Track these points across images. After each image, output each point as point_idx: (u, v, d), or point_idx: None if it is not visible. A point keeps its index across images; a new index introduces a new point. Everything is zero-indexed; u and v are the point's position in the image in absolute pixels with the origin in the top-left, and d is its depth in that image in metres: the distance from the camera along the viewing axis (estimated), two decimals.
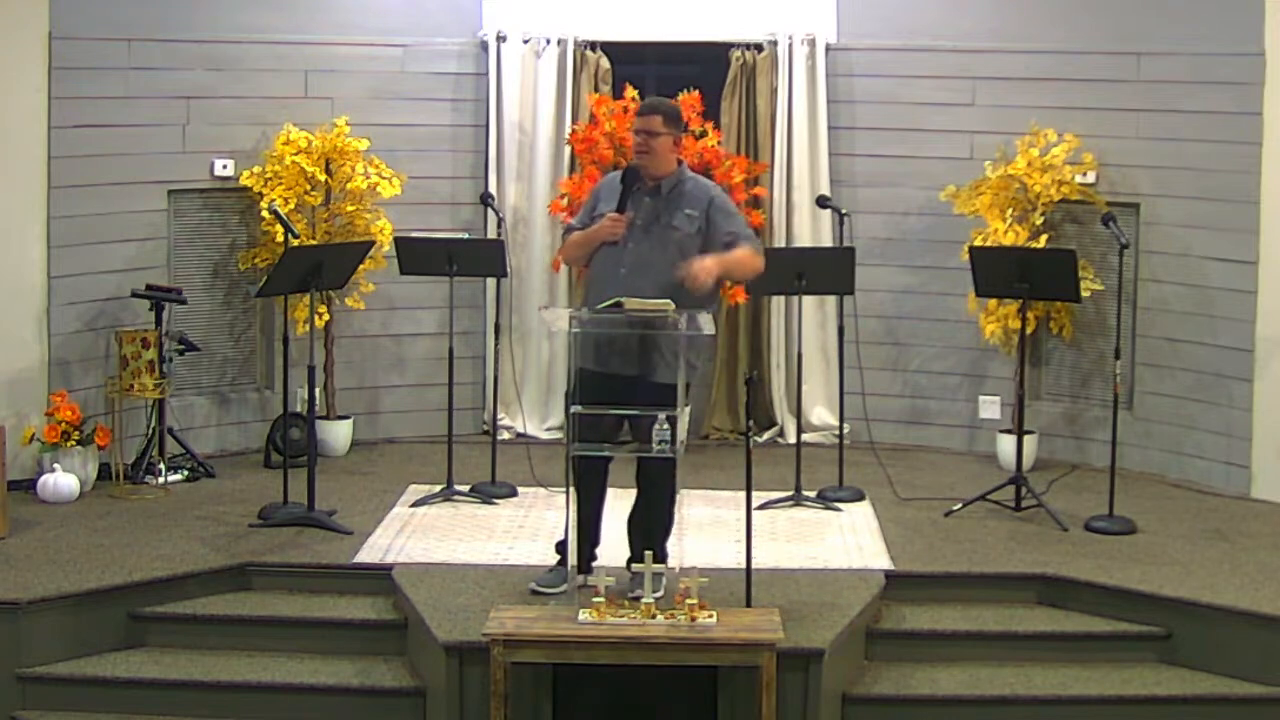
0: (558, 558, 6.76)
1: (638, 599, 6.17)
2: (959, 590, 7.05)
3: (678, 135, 6.62)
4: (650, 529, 6.59)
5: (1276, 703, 6.52)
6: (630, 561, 6.59)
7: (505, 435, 9.05)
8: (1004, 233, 8.50)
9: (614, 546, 6.78)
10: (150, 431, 8.35)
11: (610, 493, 6.76)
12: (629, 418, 6.37)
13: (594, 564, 6.68)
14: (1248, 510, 8.06)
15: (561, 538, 6.74)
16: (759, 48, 9.29)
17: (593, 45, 9.31)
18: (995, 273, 7.86)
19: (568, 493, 6.43)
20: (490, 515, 7.81)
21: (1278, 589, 6.86)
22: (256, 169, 8.69)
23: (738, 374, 9.36)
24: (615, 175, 6.78)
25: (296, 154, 8.61)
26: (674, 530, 6.54)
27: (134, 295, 8.36)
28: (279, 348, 8.20)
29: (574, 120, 9.19)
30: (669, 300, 6.34)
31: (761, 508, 7.78)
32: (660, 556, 6.50)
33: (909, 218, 9.20)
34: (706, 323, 6.32)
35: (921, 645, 6.77)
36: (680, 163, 6.67)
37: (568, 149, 9.17)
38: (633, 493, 6.69)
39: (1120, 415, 7.93)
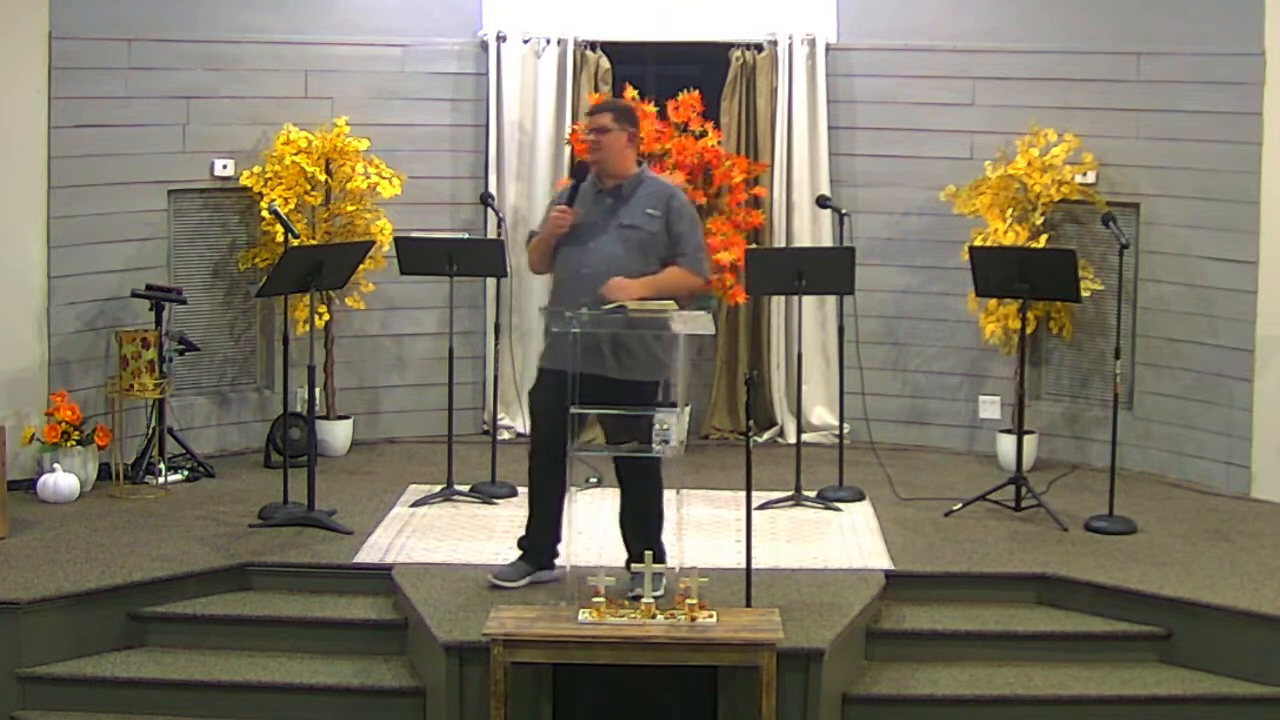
0: (519, 553, 6.81)
1: (637, 598, 6.18)
2: (959, 590, 7.05)
3: (631, 132, 6.63)
4: (644, 525, 6.60)
5: (1276, 703, 6.52)
6: (629, 562, 6.59)
7: (505, 435, 9.04)
8: (1004, 233, 8.50)
9: (616, 547, 6.78)
10: (150, 431, 8.35)
11: (611, 493, 6.77)
12: (605, 417, 6.42)
13: (556, 560, 6.74)
14: (1248, 510, 8.06)
15: (522, 534, 6.82)
16: (759, 48, 9.29)
17: (593, 45, 9.31)
18: (995, 273, 7.86)
19: (568, 493, 6.43)
20: (490, 515, 7.81)
21: (1278, 589, 6.86)
22: (256, 169, 8.69)
23: (738, 374, 9.36)
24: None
25: (296, 154, 8.61)
26: (676, 529, 6.55)
27: (134, 295, 8.36)
28: (279, 348, 8.20)
29: (574, 120, 9.18)
30: (671, 301, 6.36)
31: (761, 508, 7.78)
32: (659, 551, 6.54)
33: (909, 218, 9.20)
34: (706, 322, 6.33)
35: (921, 645, 6.77)
36: (640, 164, 6.69)
37: (568, 149, 9.17)
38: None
39: (1120, 415, 7.93)
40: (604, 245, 6.52)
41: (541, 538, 6.76)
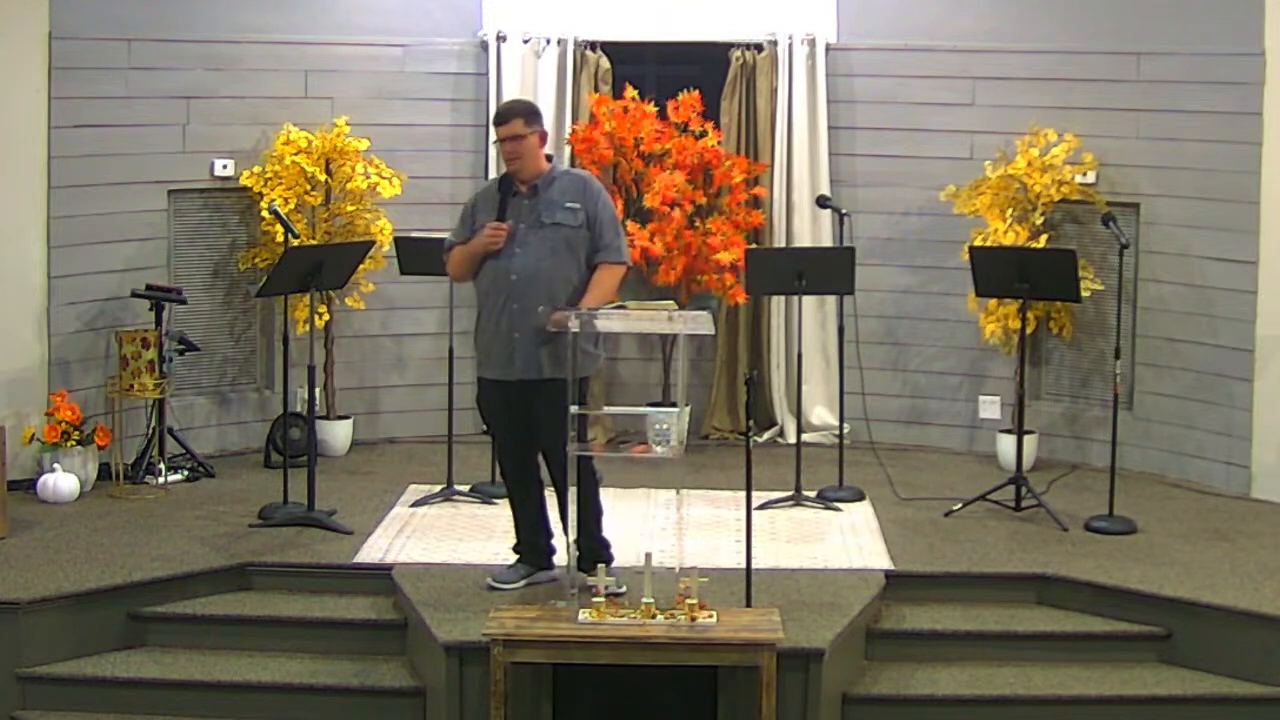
0: (515, 556, 6.84)
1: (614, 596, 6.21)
2: (959, 590, 7.05)
3: (542, 132, 6.62)
4: (580, 524, 6.60)
5: (1276, 703, 6.52)
6: (580, 561, 6.55)
7: None
8: (1004, 233, 8.50)
9: (623, 549, 6.79)
10: (150, 431, 8.35)
11: (611, 493, 6.78)
12: (540, 418, 6.46)
13: (554, 558, 6.77)
14: (1248, 510, 8.06)
15: (516, 541, 6.84)
16: (759, 48, 9.29)
17: (593, 45, 9.31)
18: (995, 273, 7.86)
19: (567, 493, 6.44)
20: (490, 515, 7.81)
21: (1278, 589, 6.86)
22: (256, 169, 8.69)
23: (738, 374, 9.36)
24: (491, 184, 6.78)
25: (296, 154, 8.61)
26: (676, 529, 6.54)
27: (134, 295, 8.36)
28: (279, 348, 8.20)
29: (574, 120, 9.19)
30: (670, 300, 6.37)
31: (761, 508, 7.78)
32: (604, 551, 6.61)
33: (909, 218, 9.20)
34: (706, 322, 6.33)
35: (921, 645, 6.77)
36: (550, 158, 6.67)
37: (568, 149, 9.16)
38: (632, 492, 6.70)
39: (1120, 415, 7.93)
40: (531, 249, 6.50)
41: (533, 538, 6.78)
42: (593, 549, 6.54)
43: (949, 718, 6.51)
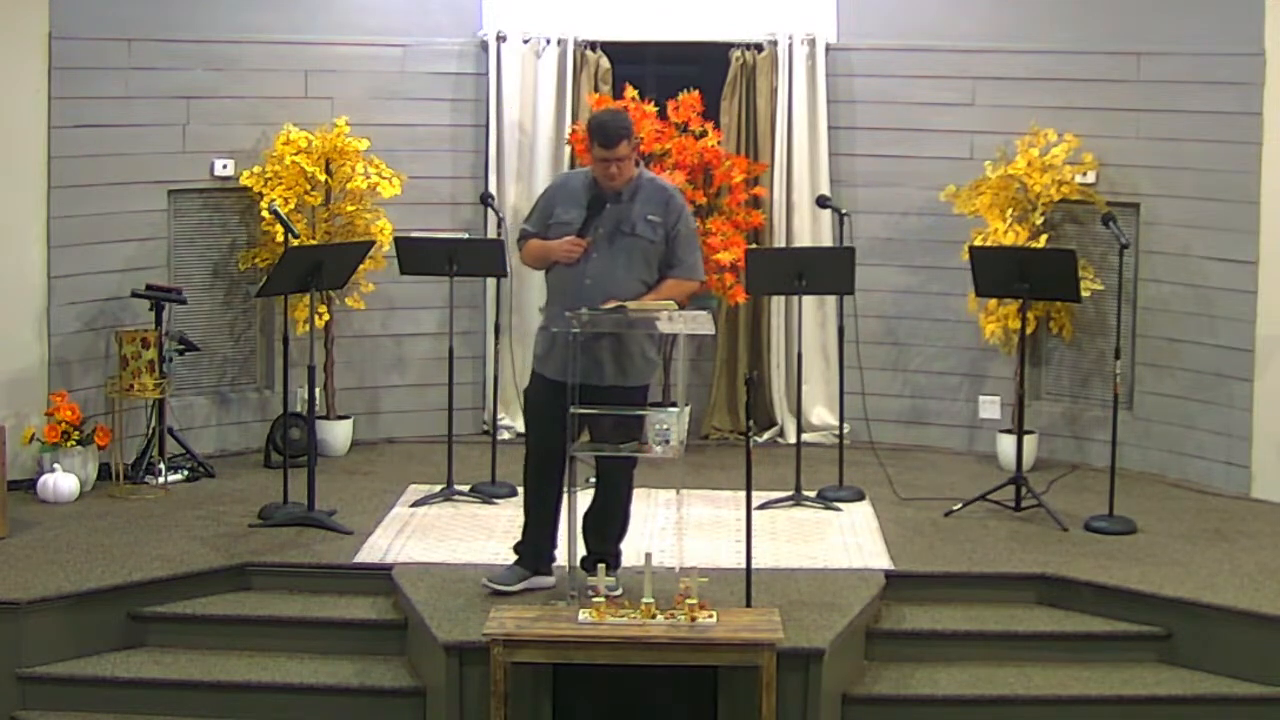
0: (515, 557, 6.80)
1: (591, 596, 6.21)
2: (959, 590, 7.05)
3: (637, 143, 6.60)
4: (607, 526, 6.62)
5: (1276, 703, 6.52)
6: (585, 560, 6.57)
7: (505, 435, 9.03)
8: (1004, 233, 8.50)
9: (624, 549, 6.78)
10: (150, 431, 8.35)
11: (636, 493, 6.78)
12: (593, 419, 6.41)
13: (553, 564, 6.75)
14: (1248, 510, 8.06)
15: (518, 540, 6.81)
16: (759, 48, 9.30)
17: (593, 45, 9.32)
18: (995, 273, 7.86)
19: (571, 493, 6.44)
20: (490, 515, 7.81)
21: (1278, 589, 6.87)
22: (256, 169, 8.70)
23: (738, 374, 9.36)
24: (570, 176, 6.78)
25: (296, 154, 8.61)
26: (676, 529, 6.54)
27: (134, 295, 8.36)
28: (279, 348, 8.20)
29: (574, 120, 9.19)
30: (671, 301, 6.37)
31: (761, 508, 7.78)
32: (614, 558, 6.61)
33: (909, 218, 9.20)
34: (706, 322, 6.33)
35: (921, 645, 6.77)
36: (636, 164, 6.62)
37: (568, 149, 9.17)
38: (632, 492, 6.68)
39: (1120, 415, 7.93)
40: (608, 256, 6.49)
41: (538, 542, 6.74)
42: (603, 555, 6.52)
43: (949, 718, 6.51)
